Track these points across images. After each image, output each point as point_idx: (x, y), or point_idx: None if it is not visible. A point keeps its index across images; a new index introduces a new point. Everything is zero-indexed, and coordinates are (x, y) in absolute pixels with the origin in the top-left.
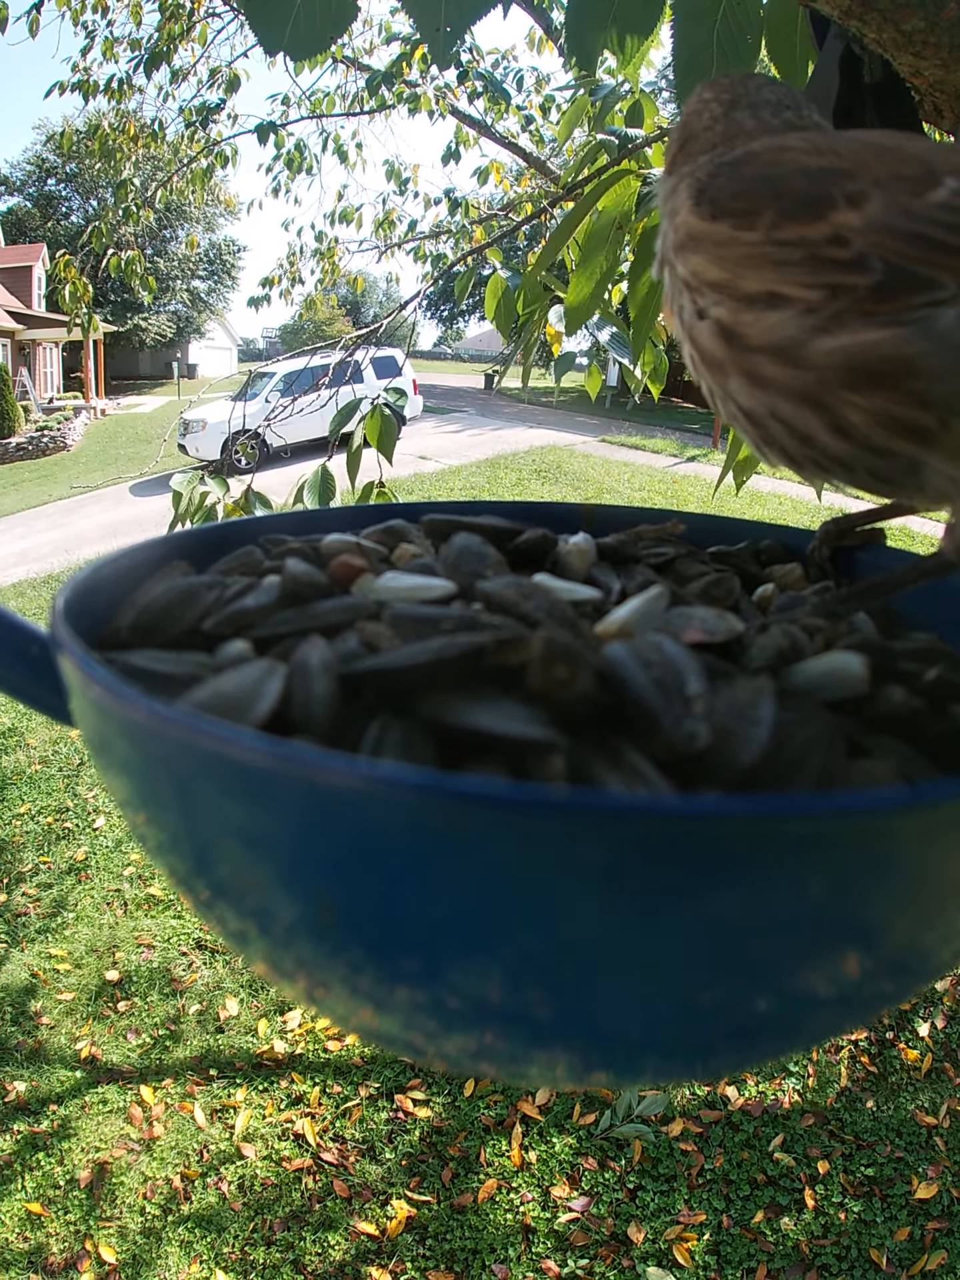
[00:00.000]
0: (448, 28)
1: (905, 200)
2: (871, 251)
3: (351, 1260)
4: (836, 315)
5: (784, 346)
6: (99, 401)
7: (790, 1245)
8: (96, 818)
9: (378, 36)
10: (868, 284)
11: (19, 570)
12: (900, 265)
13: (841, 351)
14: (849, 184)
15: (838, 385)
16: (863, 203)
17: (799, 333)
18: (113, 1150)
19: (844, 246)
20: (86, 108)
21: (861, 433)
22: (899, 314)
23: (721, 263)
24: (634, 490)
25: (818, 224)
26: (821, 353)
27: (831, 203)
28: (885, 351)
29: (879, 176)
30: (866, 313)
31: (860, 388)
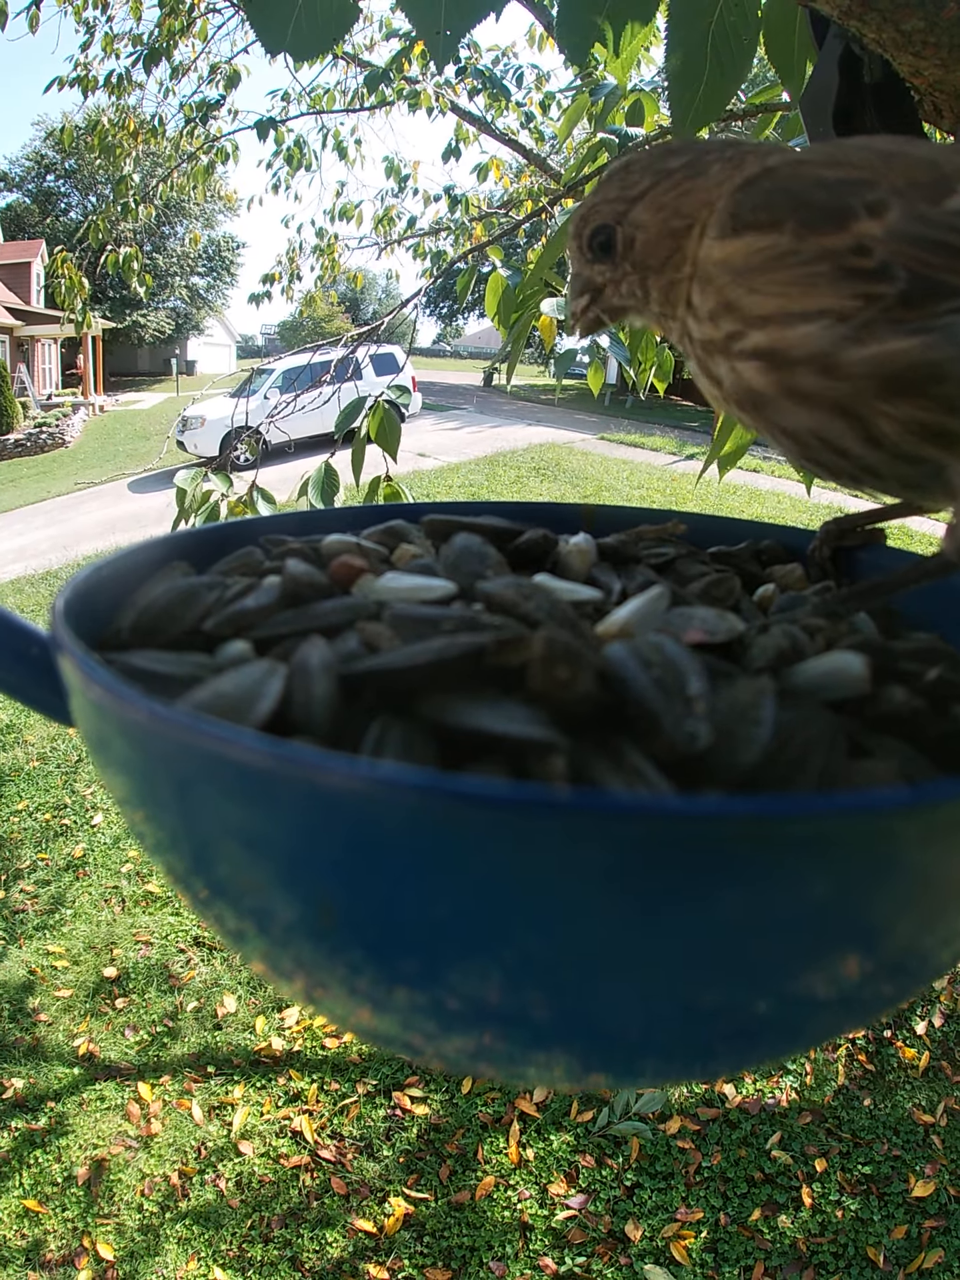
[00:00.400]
0: (448, 31)
1: (923, 208)
2: (894, 260)
3: (349, 1257)
4: (866, 324)
5: (819, 356)
6: (97, 398)
7: (788, 1243)
8: (94, 814)
9: (378, 32)
10: (893, 293)
11: (17, 567)
12: (923, 273)
13: (872, 360)
14: (868, 193)
15: (870, 395)
16: (883, 212)
17: (832, 343)
18: (110, 1147)
19: (867, 256)
20: (86, 103)
21: (892, 441)
22: (925, 321)
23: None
24: (633, 488)
25: (840, 234)
26: (854, 362)
27: (853, 213)
28: (913, 358)
29: (896, 184)
30: (895, 321)
31: (891, 396)
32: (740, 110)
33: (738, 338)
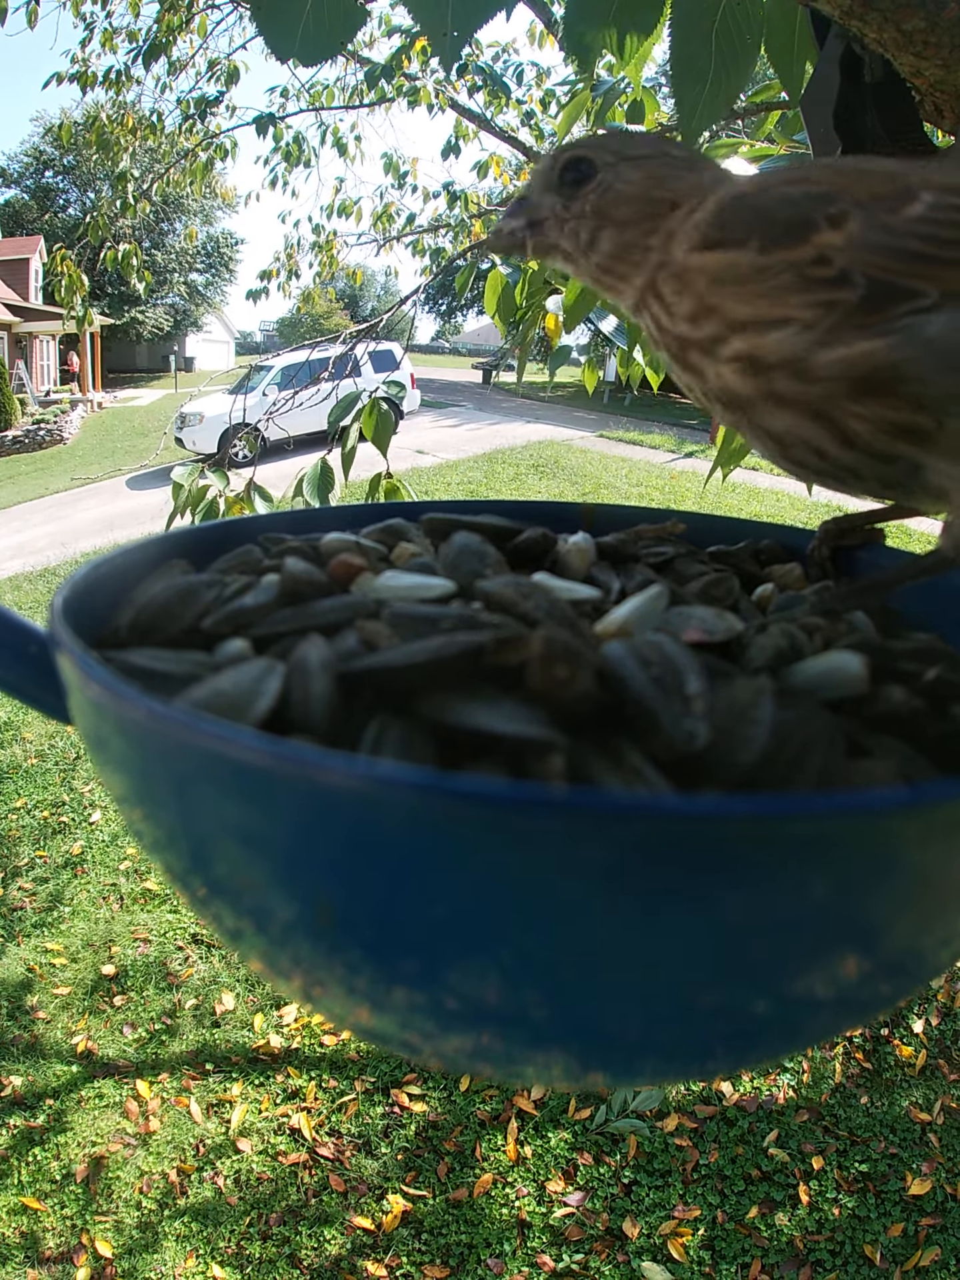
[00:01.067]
0: (454, 32)
1: (884, 217)
2: (854, 268)
3: (347, 1255)
4: (831, 329)
5: (792, 361)
6: (96, 394)
7: (784, 1241)
8: (93, 812)
9: (378, 29)
10: (853, 298)
11: (15, 564)
12: (881, 278)
13: (841, 363)
14: (829, 206)
15: (841, 396)
16: (843, 222)
17: (802, 348)
18: (109, 1144)
19: (828, 265)
20: (85, 99)
21: (865, 440)
22: (886, 324)
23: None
24: (631, 486)
25: (802, 247)
26: (824, 364)
27: (814, 226)
28: (878, 360)
29: (859, 197)
30: (858, 325)
31: (860, 397)
32: (740, 109)
33: (720, 341)
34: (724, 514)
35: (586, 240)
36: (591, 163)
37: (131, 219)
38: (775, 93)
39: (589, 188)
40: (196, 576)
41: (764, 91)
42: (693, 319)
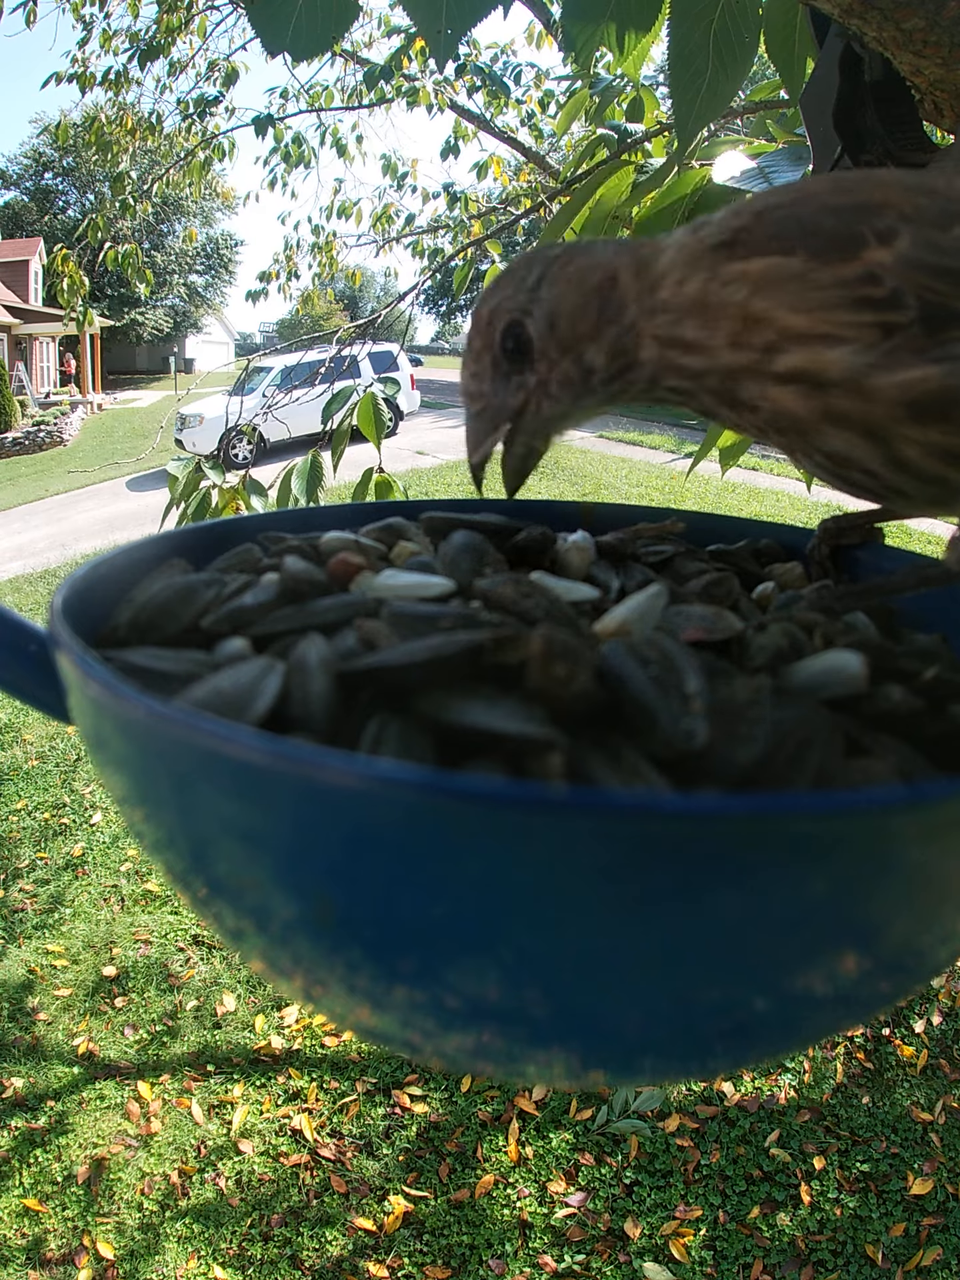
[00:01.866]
0: (449, 29)
1: (933, 235)
2: (905, 288)
3: (349, 1256)
4: (890, 351)
5: (852, 380)
6: (95, 396)
7: (786, 1241)
8: (93, 813)
9: (377, 30)
10: (909, 320)
11: (15, 565)
12: (934, 301)
13: (898, 387)
14: (878, 221)
15: (901, 419)
16: (893, 239)
17: (862, 367)
18: (110, 1146)
19: (878, 284)
20: (84, 100)
21: (915, 464)
22: (943, 348)
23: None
24: (631, 486)
25: (851, 264)
26: (883, 387)
27: (863, 241)
28: (933, 386)
29: (905, 211)
30: (916, 349)
31: (915, 422)
32: (739, 108)
33: (774, 351)
34: (724, 513)
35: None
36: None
37: (131, 220)
38: (774, 91)
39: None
40: (196, 575)
41: (763, 90)
42: (736, 339)
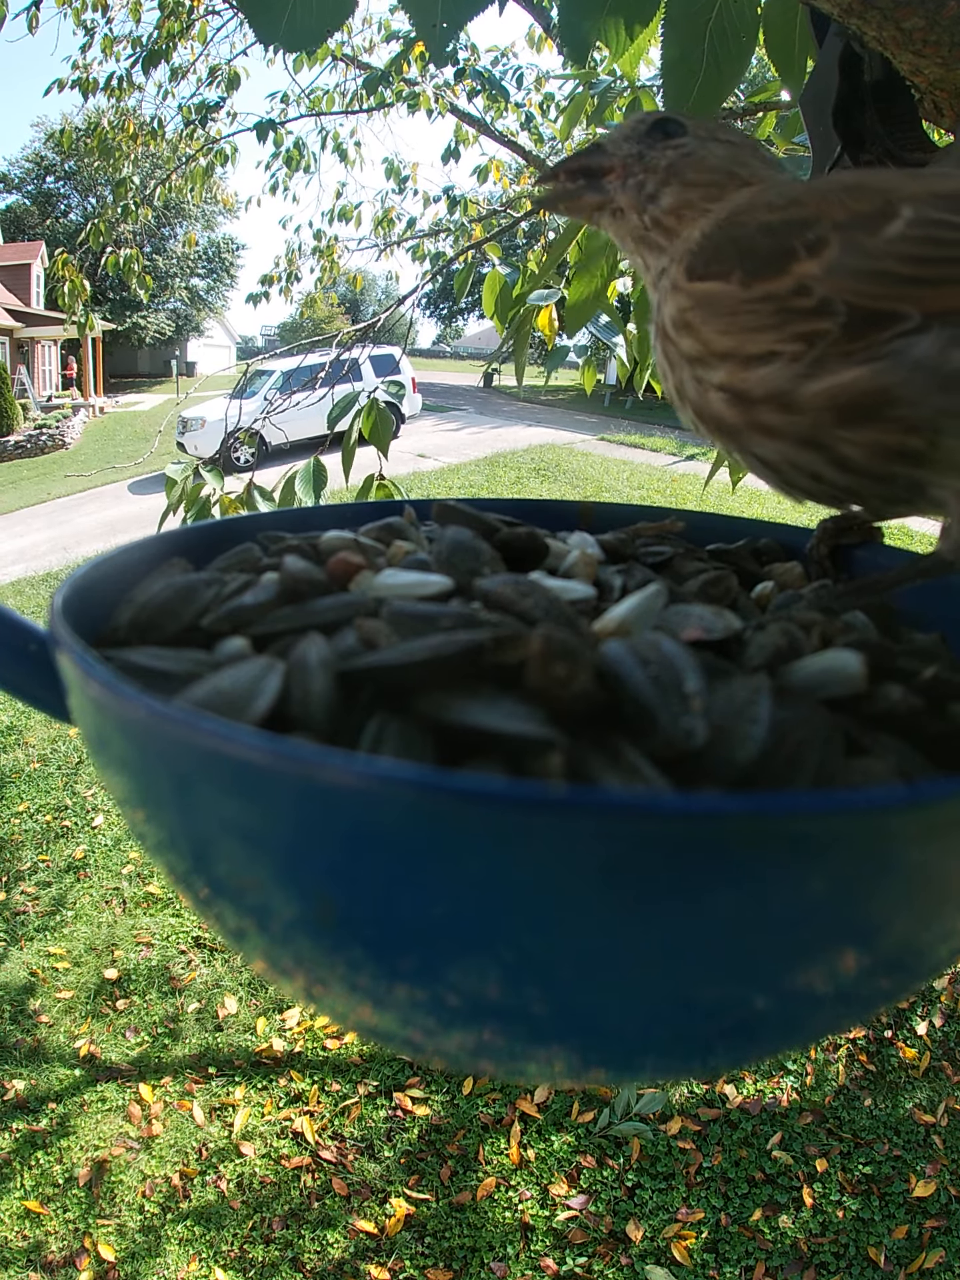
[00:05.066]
0: (444, 23)
1: (862, 239)
2: (834, 295)
3: (350, 1258)
4: (817, 360)
5: (779, 394)
6: (97, 400)
7: (788, 1243)
8: (95, 816)
9: (377, 34)
10: (835, 327)
11: (17, 568)
12: (861, 305)
13: (826, 393)
14: (809, 233)
15: (831, 424)
16: (822, 249)
17: (788, 381)
18: (112, 1148)
19: (808, 295)
20: (86, 105)
21: (860, 464)
22: (872, 350)
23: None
24: (633, 489)
25: (781, 278)
26: (809, 396)
27: (793, 255)
28: (864, 386)
29: (838, 219)
30: (843, 354)
31: (850, 423)
32: (740, 109)
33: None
34: (724, 513)
35: (650, 193)
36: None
37: (133, 224)
38: (774, 93)
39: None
40: (196, 575)
41: (762, 92)
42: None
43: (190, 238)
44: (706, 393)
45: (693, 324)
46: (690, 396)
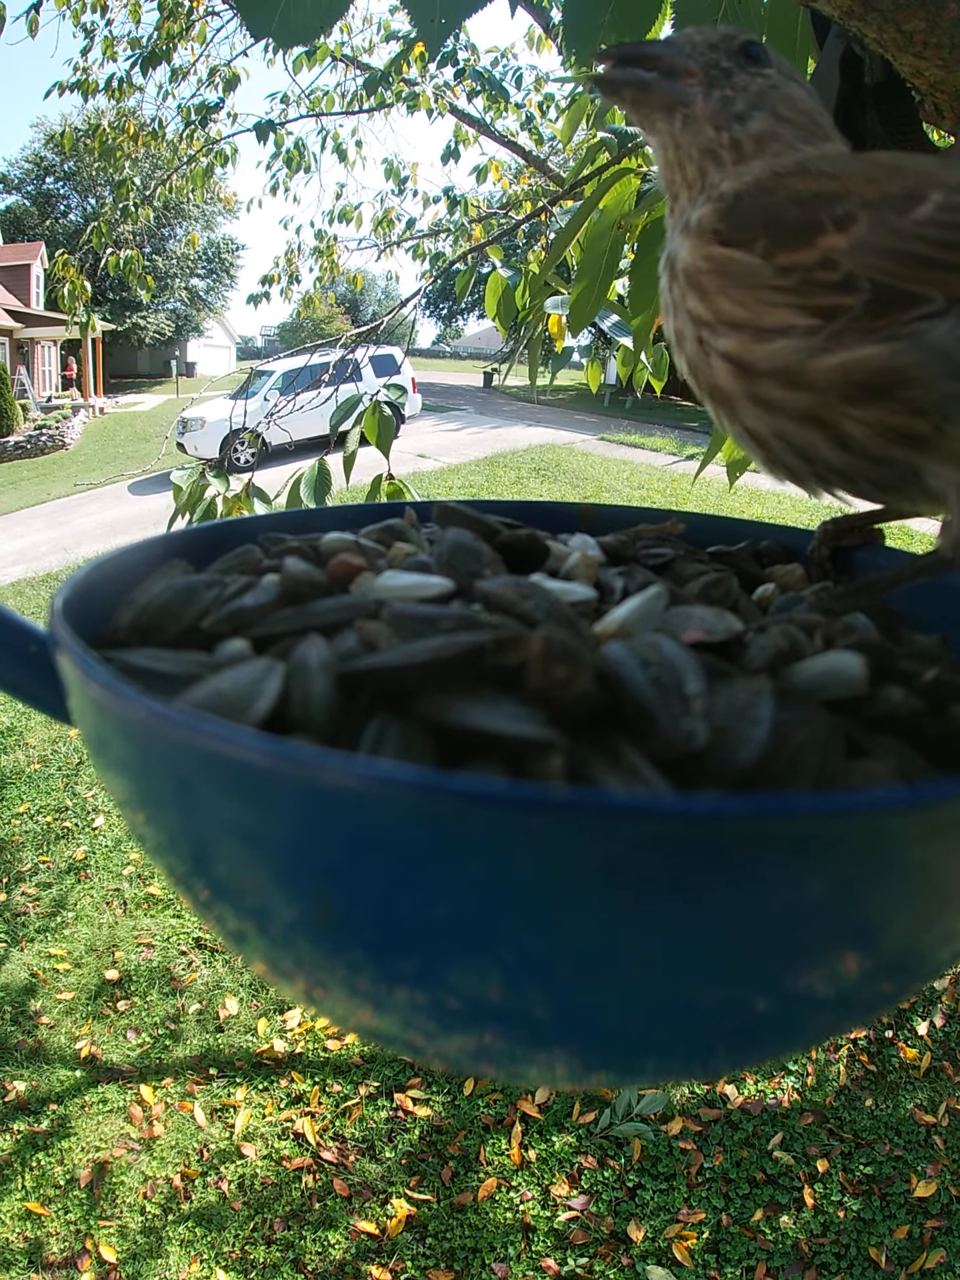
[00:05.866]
0: (443, 19)
1: (891, 219)
2: (859, 271)
3: (351, 1259)
4: (835, 335)
5: (787, 369)
6: (97, 400)
7: (789, 1244)
8: (96, 817)
9: (376, 35)
10: (858, 303)
11: (17, 569)
12: (886, 283)
13: (840, 368)
14: (838, 207)
15: (838, 401)
16: (850, 225)
17: (801, 355)
18: (113, 1149)
19: (833, 269)
20: (86, 107)
21: (861, 444)
22: (892, 329)
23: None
24: (633, 489)
25: (807, 250)
26: (822, 371)
27: (821, 227)
28: (879, 364)
29: (868, 197)
30: (863, 331)
31: (859, 401)
32: None
33: (710, 330)
34: (725, 515)
35: (739, 112)
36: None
37: (133, 225)
38: None
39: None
40: (196, 577)
41: None
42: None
43: (193, 238)
44: (708, 356)
45: (706, 289)
46: (689, 352)
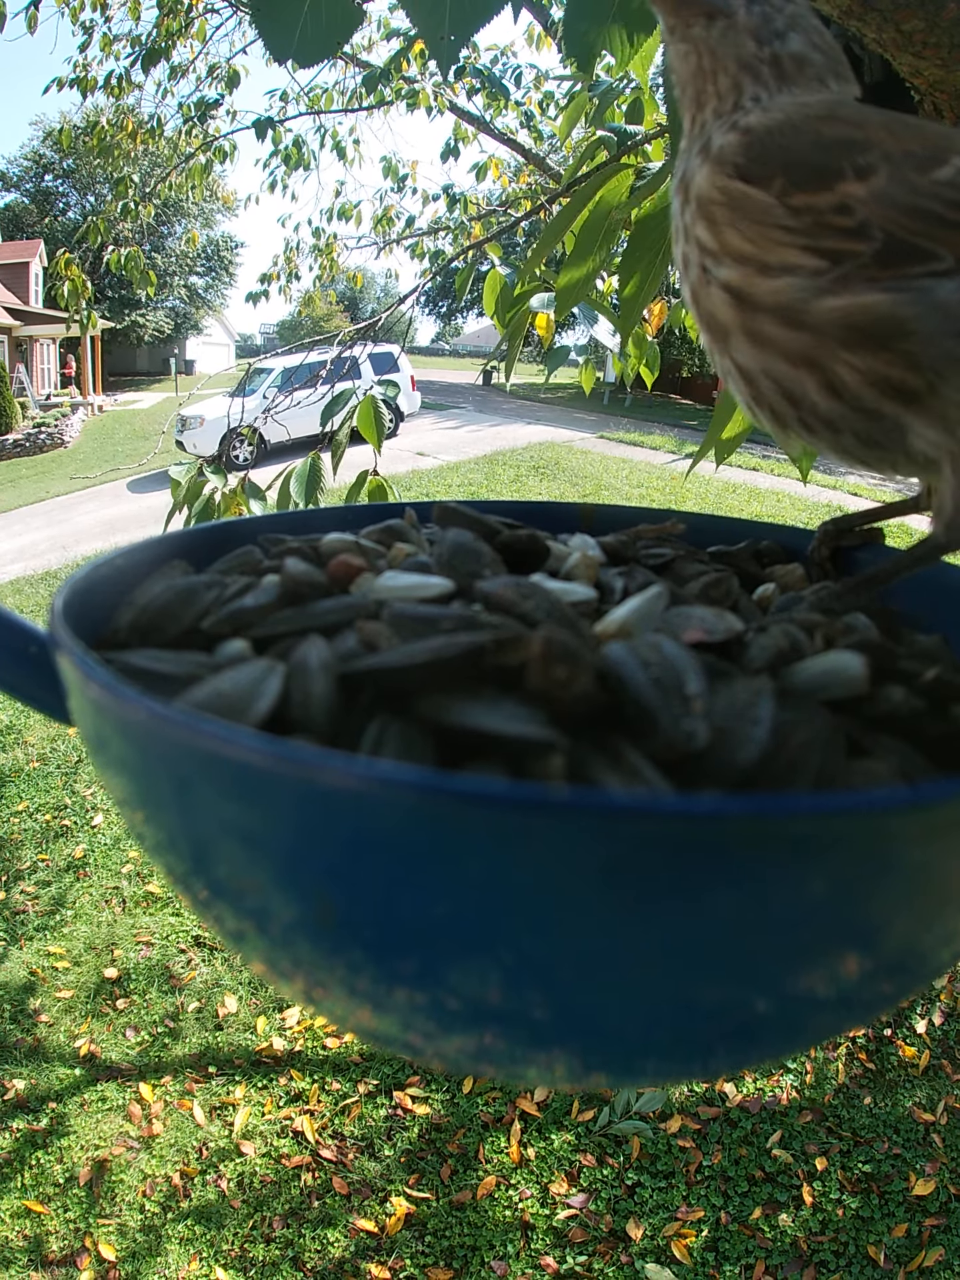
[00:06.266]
0: (452, 35)
1: (911, 175)
2: (874, 221)
3: (350, 1257)
4: (841, 279)
5: (788, 307)
6: (96, 398)
7: (788, 1242)
8: (95, 815)
9: (377, 33)
10: (868, 251)
11: (16, 567)
12: (899, 235)
13: (842, 311)
14: (860, 156)
15: (835, 344)
16: (870, 175)
17: (804, 294)
18: (112, 1148)
19: (849, 215)
20: (85, 104)
21: (852, 392)
22: (899, 281)
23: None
24: (632, 487)
25: (825, 193)
26: (823, 311)
27: (841, 174)
28: (882, 312)
29: (890, 151)
30: (869, 278)
31: (856, 347)
32: None
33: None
34: (724, 514)
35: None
36: None
37: (132, 222)
38: None
39: None
40: (196, 577)
41: None
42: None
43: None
44: (708, 285)
45: (716, 220)
46: (691, 279)
